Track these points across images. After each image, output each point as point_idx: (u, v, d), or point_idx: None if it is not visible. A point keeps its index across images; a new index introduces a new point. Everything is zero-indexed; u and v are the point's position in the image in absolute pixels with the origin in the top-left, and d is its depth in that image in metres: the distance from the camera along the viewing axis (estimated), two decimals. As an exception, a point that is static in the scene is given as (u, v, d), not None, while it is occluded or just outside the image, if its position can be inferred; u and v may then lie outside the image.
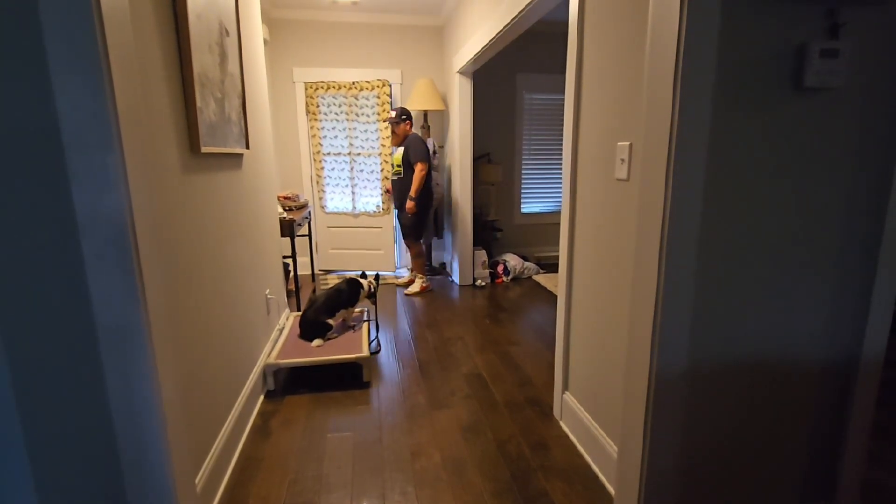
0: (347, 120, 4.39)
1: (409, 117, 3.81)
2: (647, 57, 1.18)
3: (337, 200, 4.57)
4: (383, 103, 4.22)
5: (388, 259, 4.62)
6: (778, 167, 1.18)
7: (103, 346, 1.08)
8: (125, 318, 1.06)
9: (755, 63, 1.11)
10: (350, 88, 4.26)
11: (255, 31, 2.51)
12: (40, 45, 0.95)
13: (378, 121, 4.32)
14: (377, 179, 4.46)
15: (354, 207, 4.54)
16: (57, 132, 0.97)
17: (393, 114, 3.78)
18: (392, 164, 3.91)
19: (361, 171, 4.48)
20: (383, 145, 4.31)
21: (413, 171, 3.69)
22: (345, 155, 4.46)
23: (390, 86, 4.32)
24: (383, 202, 4.45)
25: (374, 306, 3.18)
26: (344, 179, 4.52)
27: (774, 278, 1.25)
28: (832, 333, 1.31)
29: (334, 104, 4.37)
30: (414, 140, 3.75)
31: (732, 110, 1.13)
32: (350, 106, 4.34)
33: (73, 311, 1.08)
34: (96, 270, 1.03)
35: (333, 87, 4.30)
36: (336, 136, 4.46)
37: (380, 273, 3.29)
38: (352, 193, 4.52)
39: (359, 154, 4.44)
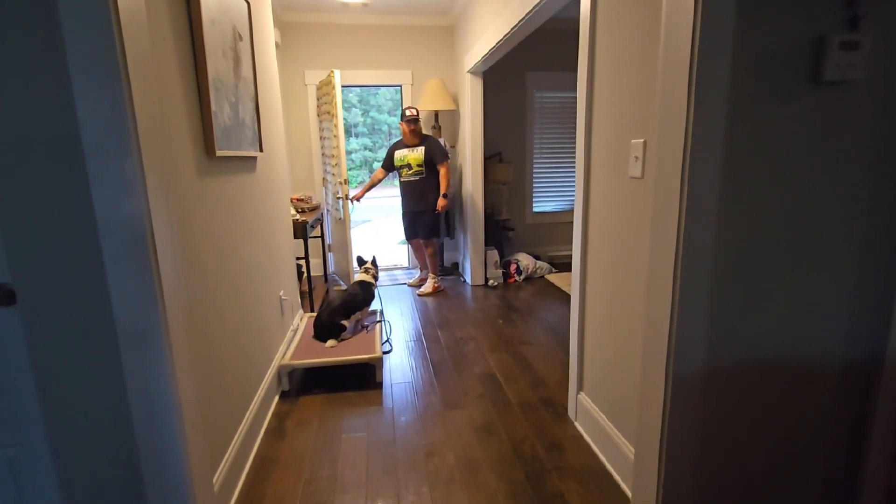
0: (329, 119, 3.88)
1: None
2: (660, 51, 1.17)
3: (332, 203, 4.11)
4: (332, 98, 3.63)
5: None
6: (797, 162, 1.15)
7: (123, 346, 1.10)
8: (144, 318, 1.08)
9: (772, 56, 1.09)
10: (326, 85, 3.81)
11: (268, 36, 2.54)
12: (61, 53, 0.98)
13: (331, 118, 3.69)
14: (337, 183, 3.77)
15: (327, 211, 4.09)
16: (77, 136, 0.99)
17: (413, 111, 3.79)
18: (409, 165, 3.84)
19: (330, 172, 3.96)
20: (336, 146, 3.66)
21: (435, 171, 3.80)
22: (325, 156, 4.10)
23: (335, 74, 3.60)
24: (343, 208, 3.78)
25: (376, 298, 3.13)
26: (331, 182, 4.03)
27: (794, 276, 1.22)
28: (855, 332, 1.28)
29: (324, 103, 3.96)
30: (434, 141, 3.85)
31: (749, 105, 1.11)
32: (327, 104, 3.87)
33: (93, 313, 1.10)
34: (115, 271, 1.05)
35: (324, 85, 3.92)
36: (326, 137, 4.05)
37: (375, 256, 3.23)
38: (326, 195, 4.12)
39: (324, 154, 4.00)
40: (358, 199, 4.00)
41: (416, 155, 3.80)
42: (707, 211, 1.14)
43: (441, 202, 3.78)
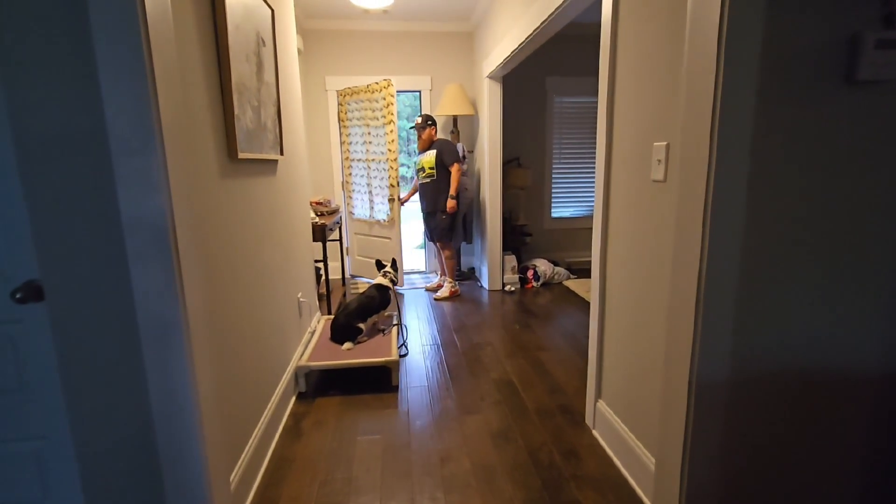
0: (364, 125, 4.18)
1: (434, 122, 3.92)
2: (686, 51, 1.14)
3: (360, 207, 4.44)
4: (388, 104, 3.85)
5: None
6: (829, 165, 1.11)
7: (145, 342, 1.11)
8: (165, 315, 1.10)
9: (803, 56, 1.06)
10: (365, 92, 4.04)
11: (290, 42, 2.58)
12: (90, 56, 1.01)
13: (384, 124, 3.93)
14: (386, 186, 4.07)
15: (371, 215, 4.32)
16: (104, 136, 1.02)
17: (419, 119, 3.87)
18: (423, 168, 3.88)
19: (375, 177, 4.18)
20: (390, 150, 3.94)
21: (447, 172, 3.78)
22: (362, 161, 4.27)
23: (398, 86, 3.93)
24: (391, 210, 4.05)
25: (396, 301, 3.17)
26: (363, 185, 4.33)
27: (824, 284, 1.17)
28: (890, 340, 1.22)
29: (356, 109, 4.20)
30: (445, 143, 3.84)
31: (778, 106, 1.07)
32: (365, 110, 4.12)
33: (117, 309, 1.12)
34: (139, 269, 1.07)
35: (355, 93, 4.14)
36: (355, 142, 4.30)
37: (395, 259, 3.27)
38: (370, 200, 4.31)
39: (372, 160, 4.17)
40: (402, 203, 4.17)
41: (427, 158, 3.85)
42: (733, 215, 1.10)
43: (449, 203, 3.77)
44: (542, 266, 4.36)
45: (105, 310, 1.12)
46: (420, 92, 4.60)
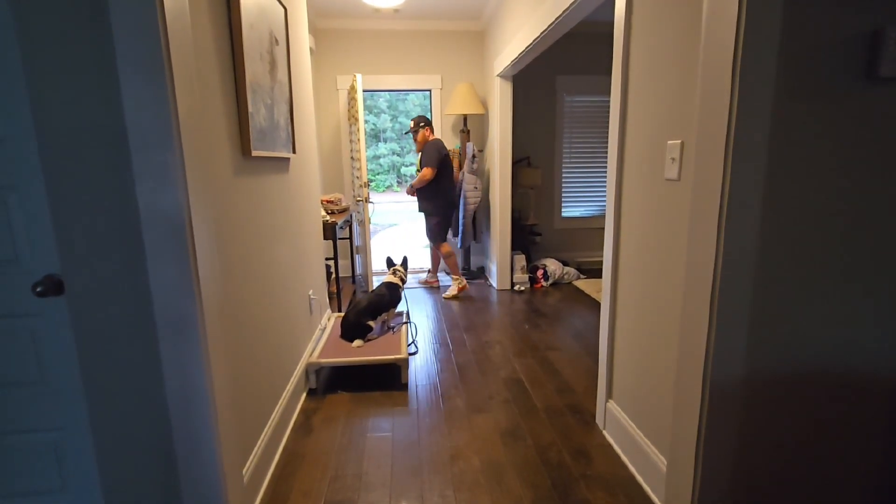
0: (349, 123, 4.14)
1: (428, 123, 3.94)
2: (702, 47, 1.13)
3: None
4: (351, 99, 3.83)
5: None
6: (847, 165, 1.10)
7: (161, 335, 1.13)
8: (181, 308, 1.11)
9: (822, 51, 1.04)
10: (353, 90, 3.92)
11: (303, 41, 2.60)
12: (110, 54, 1.02)
13: (354, 122, 3.84)
14: (358, 186, 3.87)
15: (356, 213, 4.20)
16: (123, 132, 1.04)
17: (411, 124, 3.95)
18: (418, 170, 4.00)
19: (355, 176, 4.02)
20: (351, 149, 3.85)
21: (435, 177, 3.85)
22: (353, 159, 4.09)
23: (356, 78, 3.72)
24: (361, 212, 3.89)
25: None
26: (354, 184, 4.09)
27: (843, 285, 1.16)
28: (910, 344, 1.20)
29: (353, 108, 4.01)
30: (430, 145, 3.85)
31: (796, 103, 1.06)
32: (351, 109, 4.07)
33: (135, 302, 1.14)
34: (156, 263, 1.08)
35: (349, 92, 4.10)
36: (353, 141, 4.08)
37: (406, 257, 3.30)
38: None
39: (354, 158, 4.03)
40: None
41: (418, 161, 3.98)
42: (749, 214, 1.09)
43: (408, 189, 3.94)
44: (552, 266, 4.35)
45: (123, 304, 1.14)
46: (430, 91, 4.61)
